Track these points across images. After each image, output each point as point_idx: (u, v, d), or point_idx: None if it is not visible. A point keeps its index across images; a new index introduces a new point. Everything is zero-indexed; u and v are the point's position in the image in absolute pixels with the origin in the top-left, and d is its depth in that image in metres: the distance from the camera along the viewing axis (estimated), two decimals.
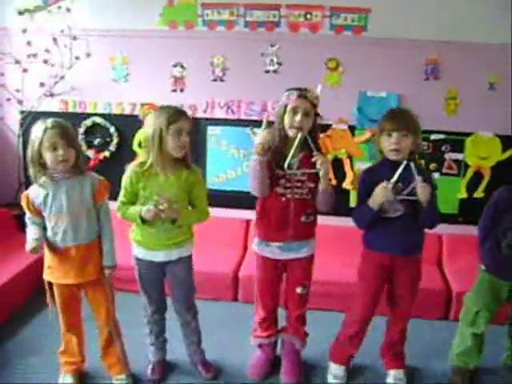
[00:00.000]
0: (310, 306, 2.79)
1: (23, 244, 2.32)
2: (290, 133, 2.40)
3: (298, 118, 2.36)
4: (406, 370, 2.80)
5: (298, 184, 2.47)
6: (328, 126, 3.74)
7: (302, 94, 2.37)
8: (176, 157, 2.39)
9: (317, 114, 2.45)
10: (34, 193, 2.35)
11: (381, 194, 2.39)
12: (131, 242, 2.56)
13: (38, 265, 2.56)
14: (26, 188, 2.44)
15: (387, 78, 3.69)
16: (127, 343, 2.67)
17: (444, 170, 3.78)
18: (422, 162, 3.66)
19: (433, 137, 3.74)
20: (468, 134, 3.70)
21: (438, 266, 3.69)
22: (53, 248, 2.41)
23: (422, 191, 2.37)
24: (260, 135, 2.37)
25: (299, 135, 2.36)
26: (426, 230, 2.58)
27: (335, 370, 2.77)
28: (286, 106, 2.40)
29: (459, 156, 3.76)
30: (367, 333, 2.72)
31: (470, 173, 3.75)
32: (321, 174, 2.40)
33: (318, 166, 2.37)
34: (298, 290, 2.64)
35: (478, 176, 3.76)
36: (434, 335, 3.22)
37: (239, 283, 3.51)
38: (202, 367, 2.73)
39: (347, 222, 2.75)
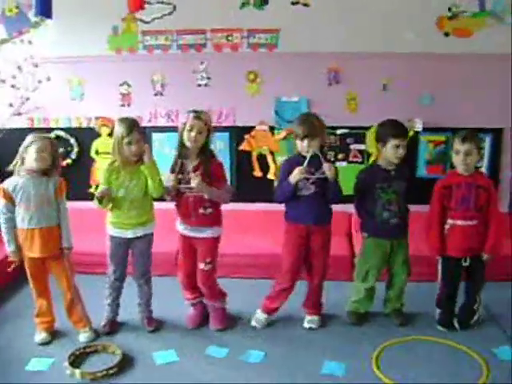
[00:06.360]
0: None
1: None
2: (188, 144, 3.16)
3: (193, 134, 3.11)
4: (321, 317, 3.52)
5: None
6: (252, 128, 4.51)
7: (197, 115, 3.13)
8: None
9: (210, 130, 3.20)
10: (8, 184, 3.07)
11: (297, 173, 3.13)
12: (106, 224, 3.29)
13: None
14: None
15: (298, 85, 4.44)
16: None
17: (350, 159, 4.54)
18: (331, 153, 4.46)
19: (339, 132, 4.50)
20: (368, 128, 4.44)
21: (347, 237, 4.44)
22: (21, 230, 3.11)
23: (328, 169, 3.13)
24: None
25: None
26: (337, 208, 3.39)
27: (258, 316, 3.47)
28: (185, 124, 3.14)
29: (362, 146, 4.52)
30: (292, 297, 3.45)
31: (372, 160, 4.48)
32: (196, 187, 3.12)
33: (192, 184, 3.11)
34: (201, 265, 3.33)
35: None
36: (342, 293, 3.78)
37: None
38: (147, 321, 3.43)
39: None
